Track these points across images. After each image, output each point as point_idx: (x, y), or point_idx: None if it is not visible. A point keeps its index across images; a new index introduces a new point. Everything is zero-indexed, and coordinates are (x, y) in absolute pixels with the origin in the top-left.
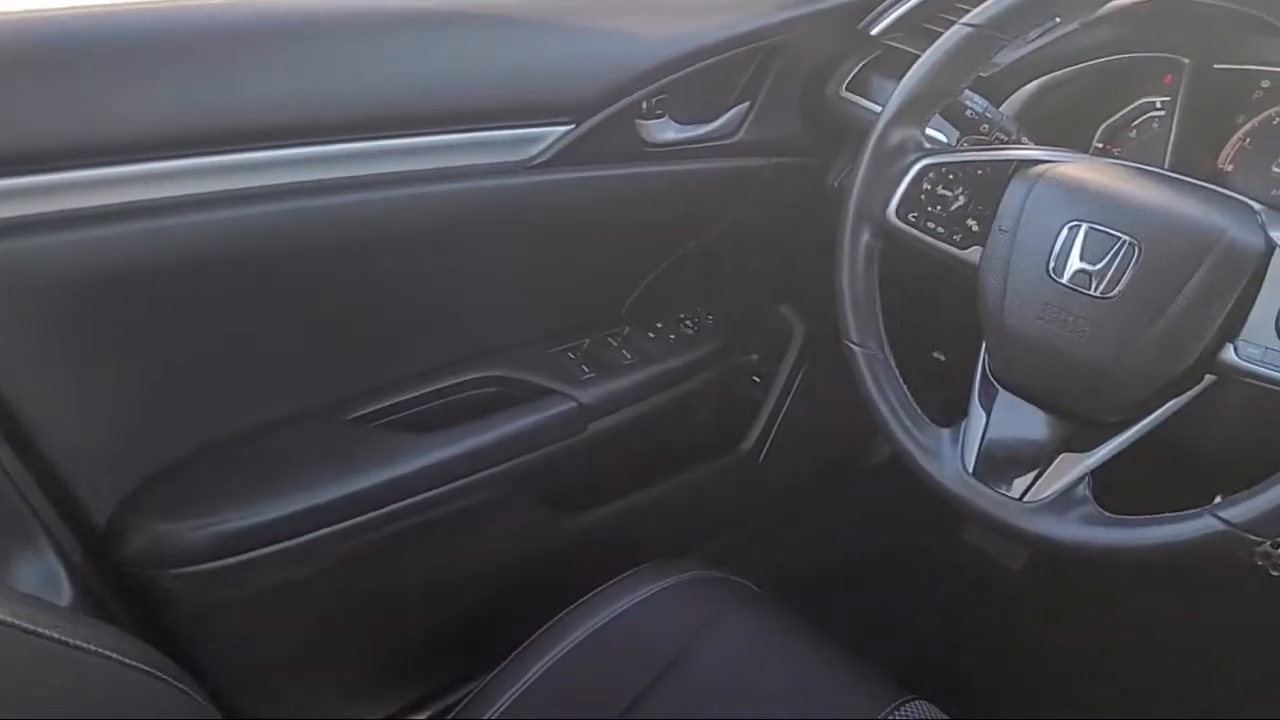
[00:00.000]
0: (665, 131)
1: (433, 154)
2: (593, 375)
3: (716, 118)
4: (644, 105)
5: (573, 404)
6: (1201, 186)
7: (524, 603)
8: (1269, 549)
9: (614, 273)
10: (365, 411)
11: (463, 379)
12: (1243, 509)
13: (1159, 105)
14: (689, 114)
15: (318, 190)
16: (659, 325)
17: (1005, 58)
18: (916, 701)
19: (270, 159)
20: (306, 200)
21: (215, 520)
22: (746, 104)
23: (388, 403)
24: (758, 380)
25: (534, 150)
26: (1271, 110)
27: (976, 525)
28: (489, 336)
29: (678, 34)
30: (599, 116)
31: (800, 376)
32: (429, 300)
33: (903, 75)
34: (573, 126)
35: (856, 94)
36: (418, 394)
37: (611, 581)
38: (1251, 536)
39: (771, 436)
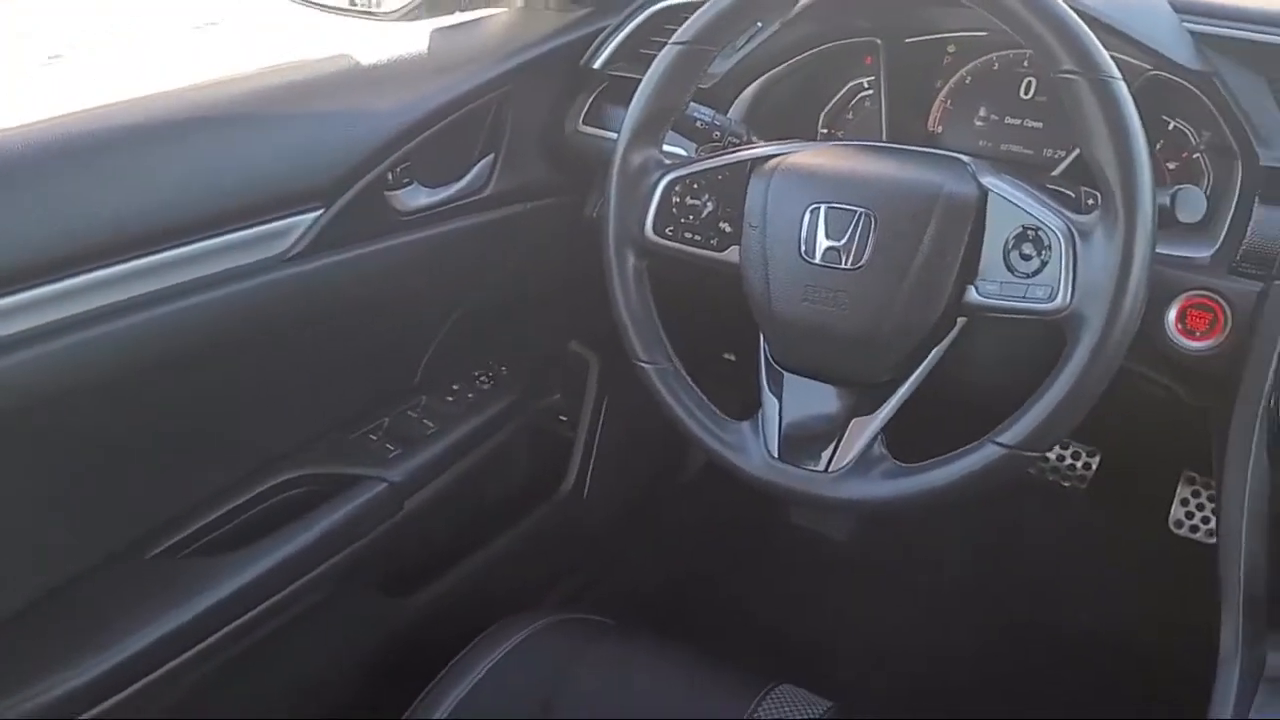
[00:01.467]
0: (416, 198)
1: (189, 265)
2: (399, 452)
3: (464, 175)
4: (390, 176)
5: (384, 485)
6: (916, 150)
7: (385, 690)
8: (1056, 463)
9: (397, 346)
10: (172, 542)
11: (266, 486)
12: (1015, 431)
13: (867, 85)
14: (437, 176)
15: (78, 324)
16: (455, 387)
17: (721, 67)
18: (782, 686)
19: (28, 300)
20: (68, 336)
21: (32, 692)
22: (491, 156)
23: (194, 528)
24: (564, 419)
25: (288, 242)
26: (962, 71)
27: (793, 505)
28: (285, 437)
29: (409, 101)
30: (346, 196)
31: (604, 407)
32: (216, 413)
33: (630, 101)
34: (322, 211)
35: (594, 126)
36: (223, 512)
37: (467, 648)
38: (1029, 453)
39: (590, 471)
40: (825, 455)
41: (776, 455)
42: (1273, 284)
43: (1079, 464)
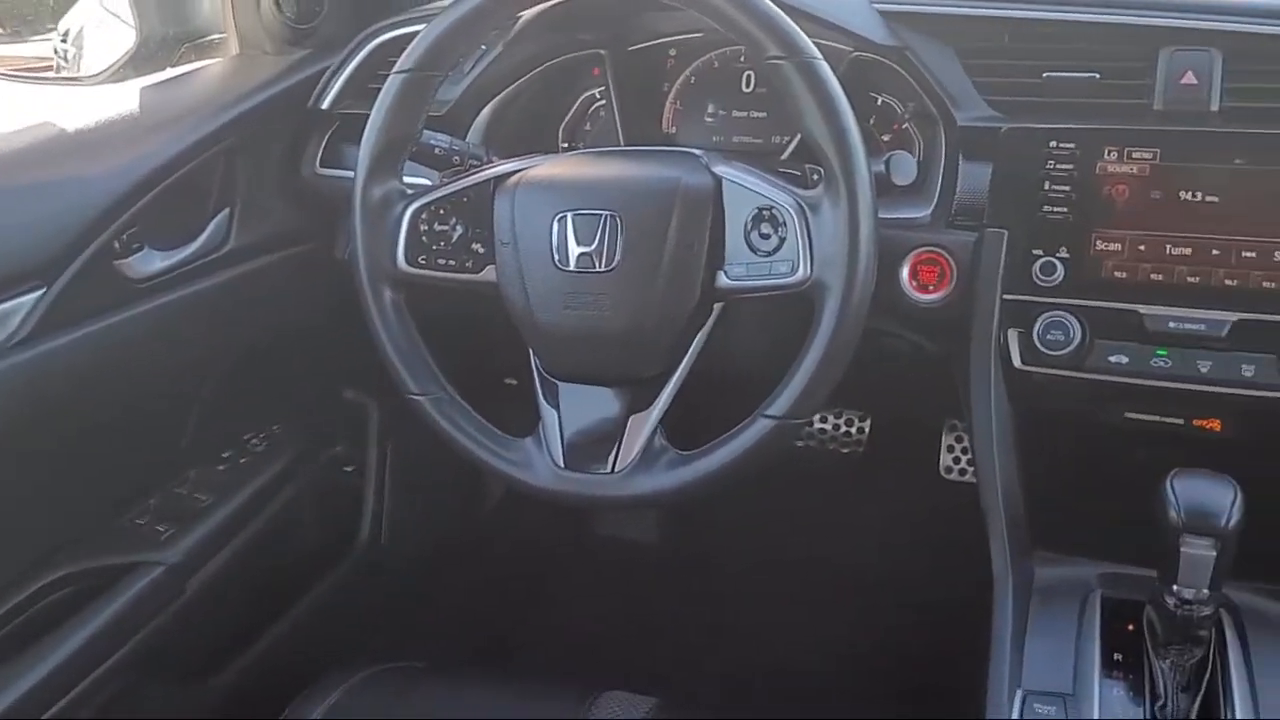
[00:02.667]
0: (149, 263)
1: None
2: (171, 531)
3: (199, 233)
4: (116, 244)
5: (160, 569)
6: (651, 150)
7: None
8: (833, 433)
9: (153, 420)
10: None
11: (35, 587)
12: (781, 402)
13: (599, 96)
14: (170, 238)
15: None
16: (225, 454)
17: (452, 93)
18: (606, 693)
19: None
20: None
21: None
22: (226, 211)
23: None
24: (350, 469)
25: (10, 327)
26: (686, 72)
27: (597, 514)
28: (46, 533)
29: (125, 164)
30: (69, 271)
31: (390, 450)
32: None
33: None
34: (44, 290)
35: (332, 167)
36: None
37: (281, 717)
38: (797, 421)
39: (385, 518)
40: (610, 457)
41: (563, 465)
42: (985, 231)
43: (854, 430)
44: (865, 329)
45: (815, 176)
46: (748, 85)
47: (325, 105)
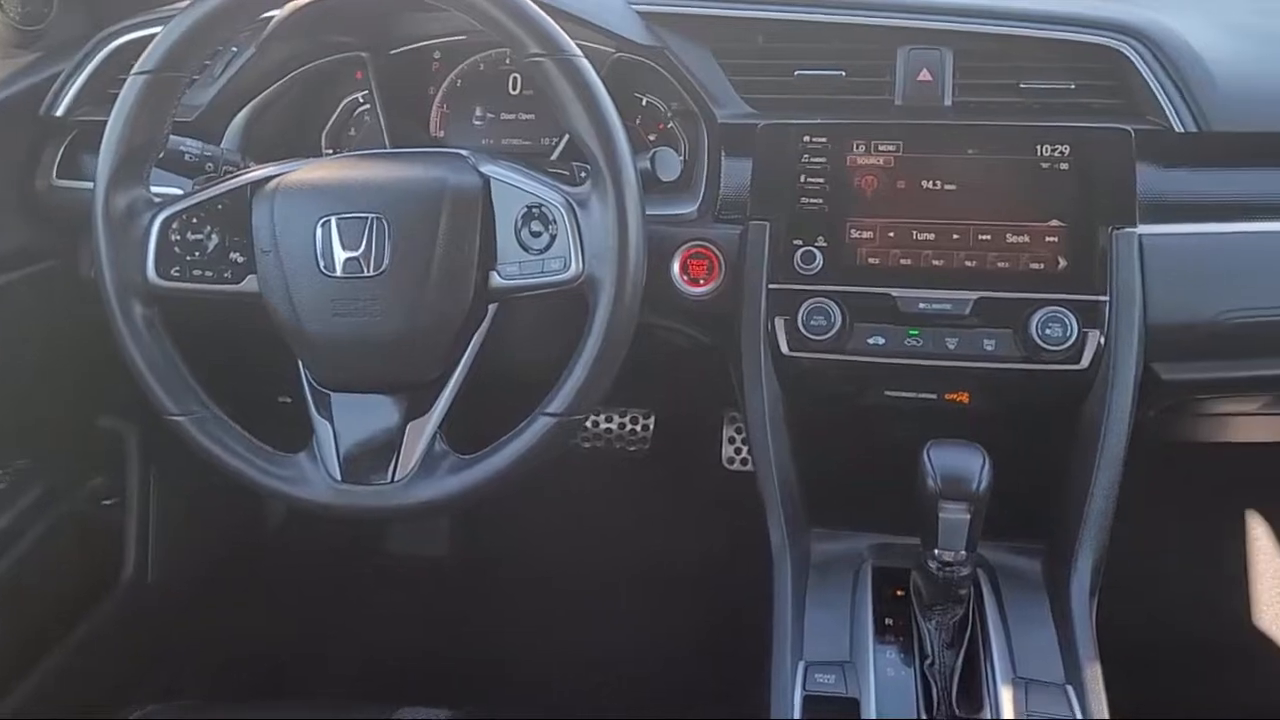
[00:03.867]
0: None
1: None
2: None
3: None
4: None
5: None
6: (418, 152)
7: None
8: (619, 432)
9: None
10: None
11: None
12: (560, 399)
13: (363, 100)
14: None
15: None
16: None
17: (202, 97)
18: (401, 710)
19: None
20: None
21: None
22: None
23: None
24: (110, 502)
25: None
26: (452, 75)
27: (376, 526)
28: None
29: None
30: None
31: (153, 478)
32: None
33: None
34: None
35: (70, 179)
36: None
37: None
38: (577, 417)
39: (150, 552)
40: (390, 466)
41: (340, 478)
42: (749, 224)
43: (639, 428)
44: (641, 324)
45: (583, 174)
46: (515, 88)
47: (59, 112)
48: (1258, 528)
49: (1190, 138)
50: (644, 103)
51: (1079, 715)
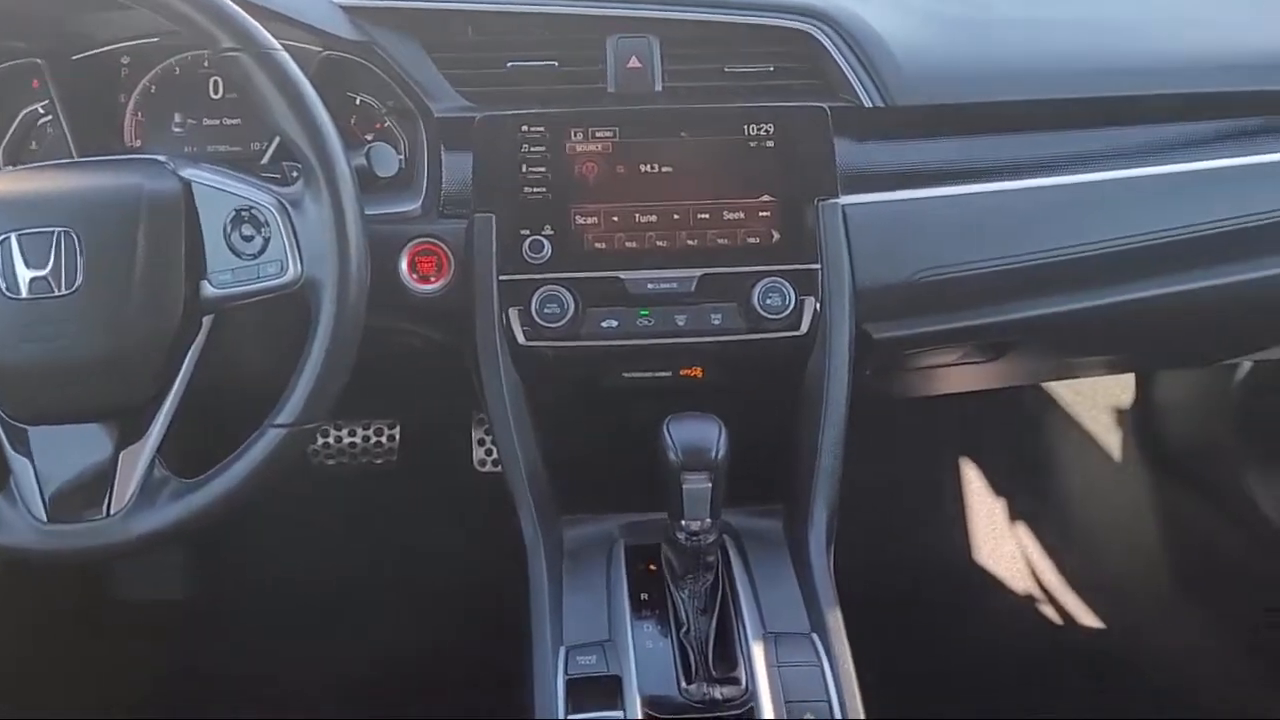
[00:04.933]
0: None
1: None
2: None
3: None
4: None
5: None
6: (108, 159)
7: None
8: (364, 445)
9: None
10: None
11: None
12: (289, 409)
13: (43, 111)
14: None
15: None
16: None
17: None
18: None
19: None
20: None
21: None
22: None
23: None
24: None
25: None
26: (145, 81)
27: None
28: None
29: None
30: None
31: None
32: None
33: None
34: None
35: None
36: None
37: None
38: (308, 426)
39: None
40: (105, 499)
41: (46, 518)
42: (474, 217)
43: (383, 439)
44: (374, 328)
45: (294, 173)
46: (217, 91)
47: None
48: (970, 471)
49: (879, 112)
50: (357, 101)
51: (824, 659)
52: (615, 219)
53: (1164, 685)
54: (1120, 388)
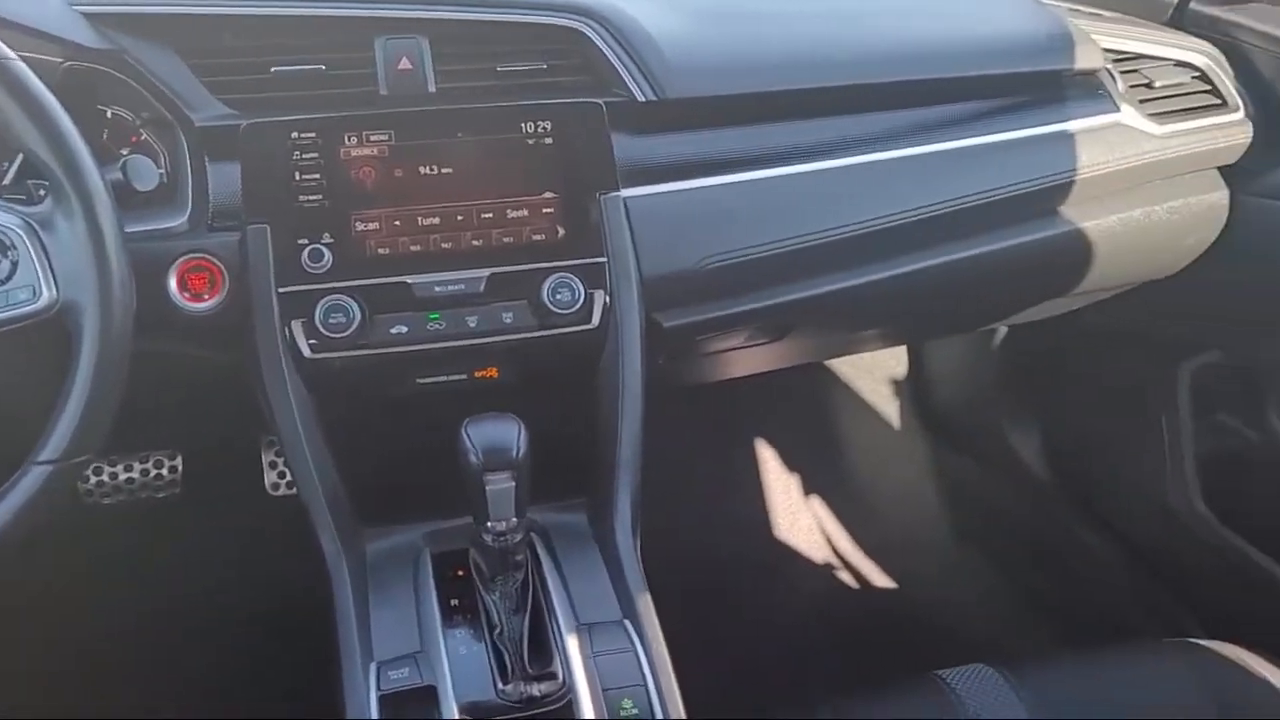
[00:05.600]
0: None
1: None
2: None
3: None
4: None
5: None
6: None
7: None
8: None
9: None
10: None
11: None
12: (54, 444)
13: None
14: None
15: None
16: None
17: None
18: None
19: None
20: None
21: None
22: None
23: None
24: None
25: None
26: None
27: None
28: None
29: None
30: None
31: None
32: None
33: None
34: None
35: None
36: None
37: None
38: (76, 460)
39: None
40: None
41: None
42: (247, 229)
43: (165, 471)
44: (145, 352)
45: (42, 192)
46: None
47: None
48: (765, 450)
49: (653, 106)
50: (109, 114)
51: (637, 644)
52: (397, 223)
53: (952, 630)
54: (895, 360)
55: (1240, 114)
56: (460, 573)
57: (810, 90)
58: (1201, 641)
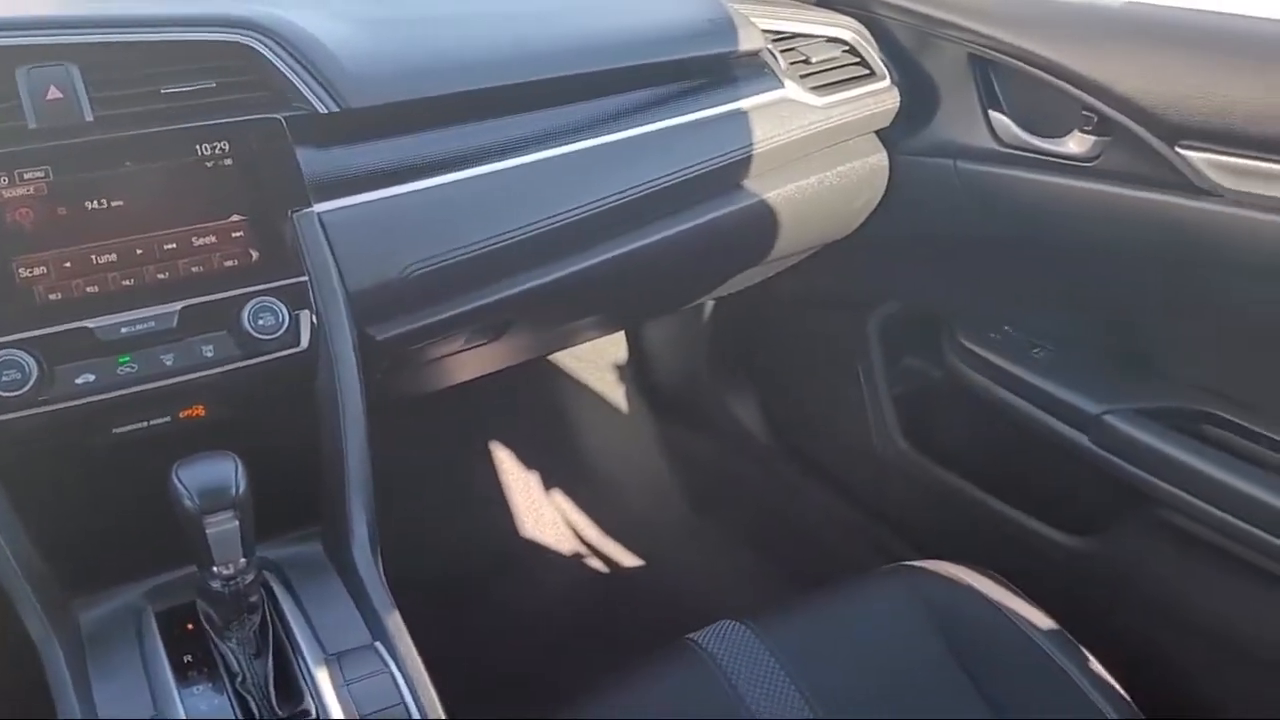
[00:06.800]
0: None
1: None
2: None
3: None
4: None
5: None
6: None
7: None
8: None
9: None
10: None
11: None
12: None
13: None
14: None
15: None
16: None
17: None
18: None
19: None
20: None
21: None
22: None
23: None
24: None
25: None
26: None
27: None
28: None
29: None
30: None
31: None
32: None
33: None
34: None
35: None
36: None
37: None
38: None
39: None
40: None
41: None
42: None
43: None
44: None
45: None
46: None
47: None
48: (501, 452)
49: (336, 117)
50: None
51: (391, 665)
52: (68, 265)
53: (699, 596)
54: (615, 346)
55: (887, 82)
56: (190, 626)
57: (494, 89)
58: (915, 563)
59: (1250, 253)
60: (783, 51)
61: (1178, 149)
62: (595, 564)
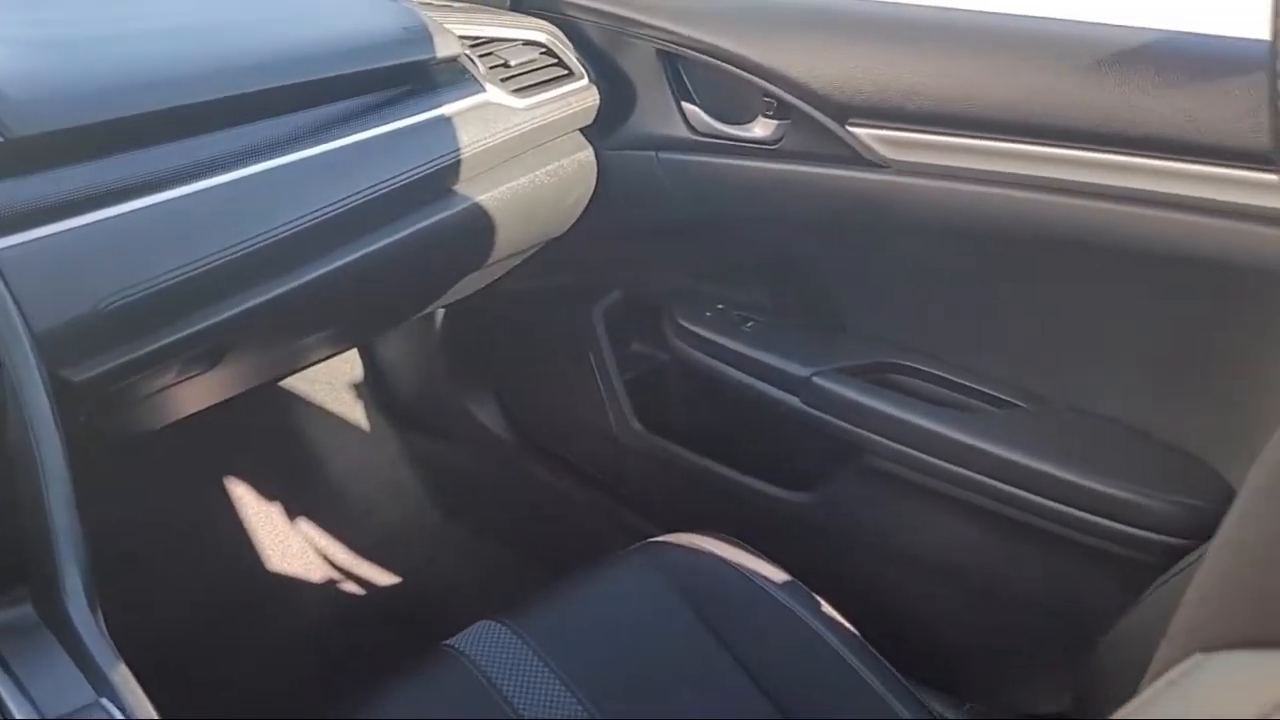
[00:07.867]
0: None
1: None
2: None
3: None
4: None
5: None
6: None
7: None
8: None
9: None
10: None
11: None
12: None
13: None
14: None
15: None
16: None
17: None
18: None
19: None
20: None
21: None
22: None
23: None
24: None
25: None
26: None
27: None
28: None
29: None
30: None
31: None
32: None
33: None
34: None
35: None
36: None
37: None
38: None
39: None
40: None
41: None
42: None
43: None
44: None
45: None
46: None
47: None
48: (238, 488)
49: (2, 148)
50: None
51: (119, 716)
52: None
53: (457, 603)
54: (349, 364)
55: (585, 81)
56: None
57: (180, 109)
58: (659, 539)
59: (916, 215)
60: (481, 56)
61: (848, 126)
62: (350, 587)
